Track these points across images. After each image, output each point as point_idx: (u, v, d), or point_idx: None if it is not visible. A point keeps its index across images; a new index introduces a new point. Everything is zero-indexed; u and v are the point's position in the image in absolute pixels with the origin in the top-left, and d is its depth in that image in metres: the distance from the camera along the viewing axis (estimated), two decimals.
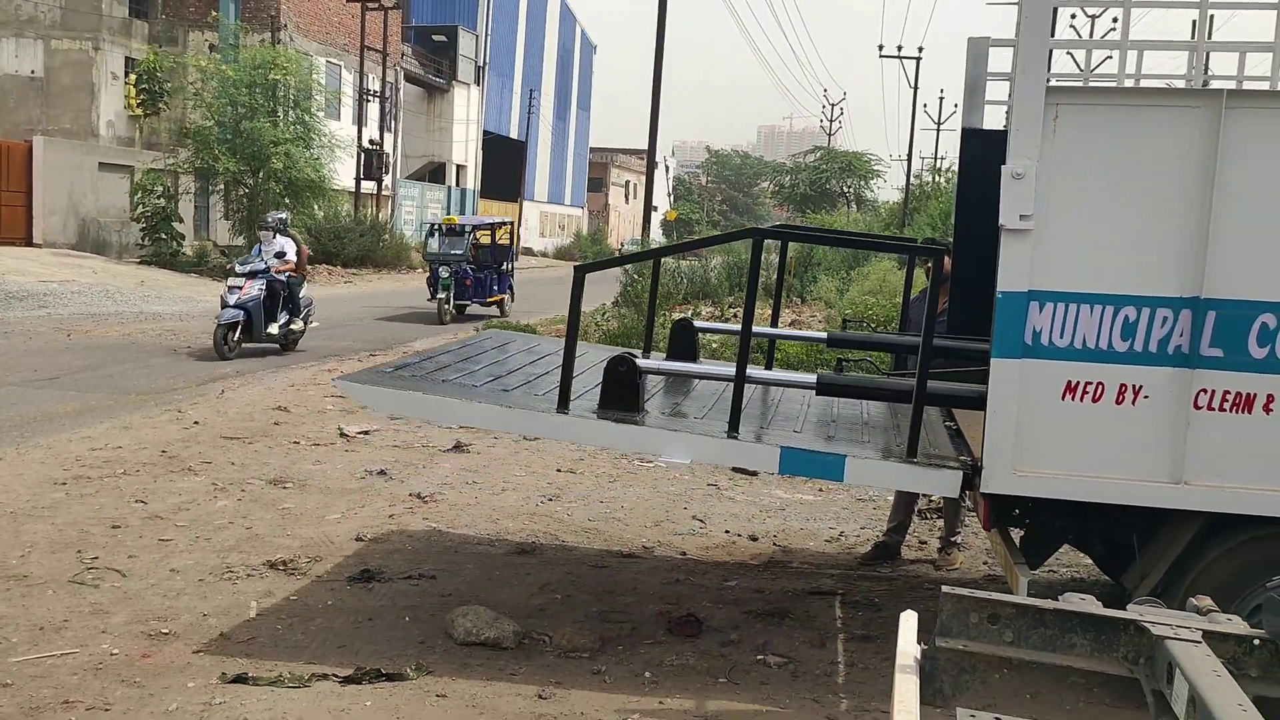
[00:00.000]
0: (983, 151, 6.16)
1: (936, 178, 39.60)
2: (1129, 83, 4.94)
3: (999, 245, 4.12)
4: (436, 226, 21.89)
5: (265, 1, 33.60)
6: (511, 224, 23.32)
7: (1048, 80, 4.05)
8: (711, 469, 8.86)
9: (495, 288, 21.21)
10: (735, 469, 8.82)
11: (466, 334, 13.67)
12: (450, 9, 50.45)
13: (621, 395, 4.84)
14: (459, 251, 20.36)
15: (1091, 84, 5.55)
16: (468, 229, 21.43)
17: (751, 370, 4.86)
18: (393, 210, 41.59)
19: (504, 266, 21.90)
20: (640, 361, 5.07)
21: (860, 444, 4.84)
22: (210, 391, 11.41)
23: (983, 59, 6.03)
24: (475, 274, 20.63)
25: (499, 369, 5.74)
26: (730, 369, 4.92)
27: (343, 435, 9.47)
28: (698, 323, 6.94)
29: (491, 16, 51.58)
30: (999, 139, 6.28)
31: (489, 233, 22.20)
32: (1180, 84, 4.82)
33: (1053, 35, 4.73)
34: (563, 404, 4.75)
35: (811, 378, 5.12)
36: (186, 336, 15.89)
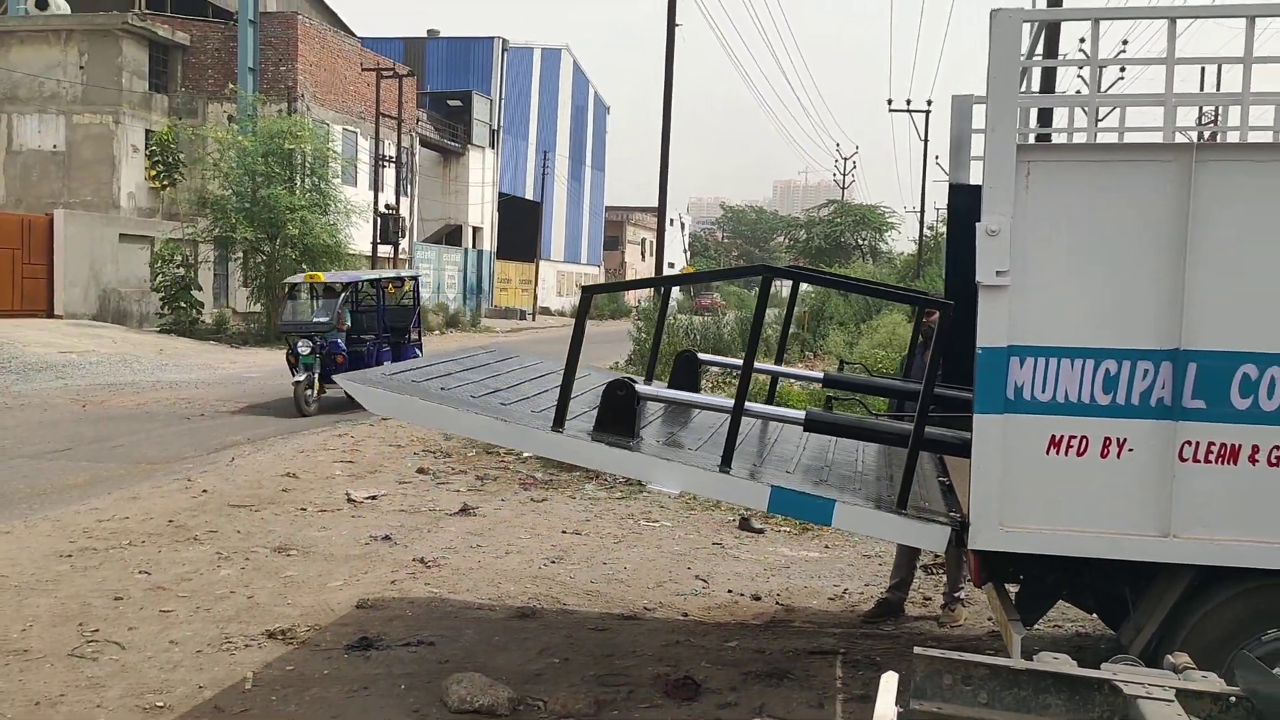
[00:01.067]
0: (969, 206, 6.24)
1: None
2: (1113, 137, 5.00)
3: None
4: (295, 287, 16.63)
5: (282, 73, 34.31)
6: (415, 278, 18.78)
7: (1019, 137, 4.09)
8: (718, 527, 8.82)
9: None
10: (742, 527, 8.79)
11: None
12: (464, 74, 51.32)
13: (618, 419, 4.84)
14: (325, 319, 15.56)
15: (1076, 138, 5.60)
16: (342, 287, 16.41)
17: (748, 404, 4.88)
18: None
19: (408, 336, 17.62)
20: (639, 387, 5.08)
21: (852, 490, 4.82)
22: (221, 459, 11.48)
23: (967, 115, 6.11)
24: (356, 347, 16.14)
25: (498, 383, 5.73)
26: (729, 402, 4.93)
27: (350, 501, 9.50)
28: (701, 355, 6.93)
29: (505, 81, 52.42)
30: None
31: (374, 289, 17.69)
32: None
33: (1038, 88, 4.78)
34: (558, 422, 4.75)
35: (797, 414, 5.12)
36: (201, 404, 16.03)
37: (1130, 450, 4.09)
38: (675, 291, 58.62)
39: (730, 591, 7.06)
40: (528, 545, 8.13)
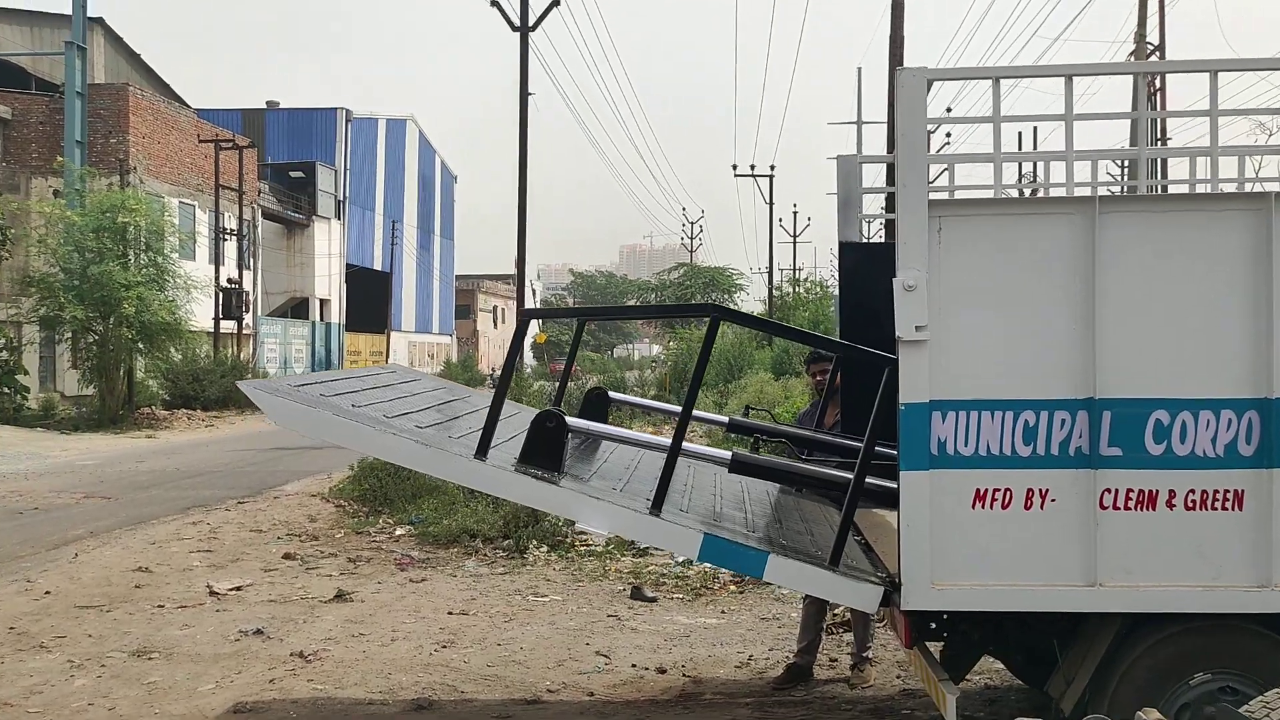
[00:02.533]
0: (860, 263, 6.31)
1: (797, 289, 40.84)
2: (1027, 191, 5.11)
3: (896, 357, 4.10)
4: None
5: (113, 145, 32.80)
6: None
7: (929, 193, 4.10)
8: (609, 598, 8.57)
9: None
10: (634, 596, 8.56)
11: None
12: (307, 145, 50.32)
13: (545, 451, 4.61)
14: None
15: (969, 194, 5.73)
16: None
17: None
18: (255, 349, 40.45)
19: None
20: (570, 420, 4.85)
21: (779, 542, 4.67)
22: (62, 556, 10.56)
23: (854, 174, 6.21)
24: None
25: (408, 404, 5.37)
26: (665, 440, 4.73)
27: (212, 593, 8.84)
28: (613, 394, 6.68)
29: (350, 151, 51.62)
30: (875, 250, 6.44)
31: None
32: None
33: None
34: (481, 450, 4.48)
35: (726, 454, 4.97)
36: (34, 496, 14.81)
37: (1053, 500, 4.10)
38: (529, 358, 58.27)
39: (634, 666, 6.81)
40: (414, 630, 7.69)
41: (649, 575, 9.26)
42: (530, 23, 23.96)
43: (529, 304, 70.80)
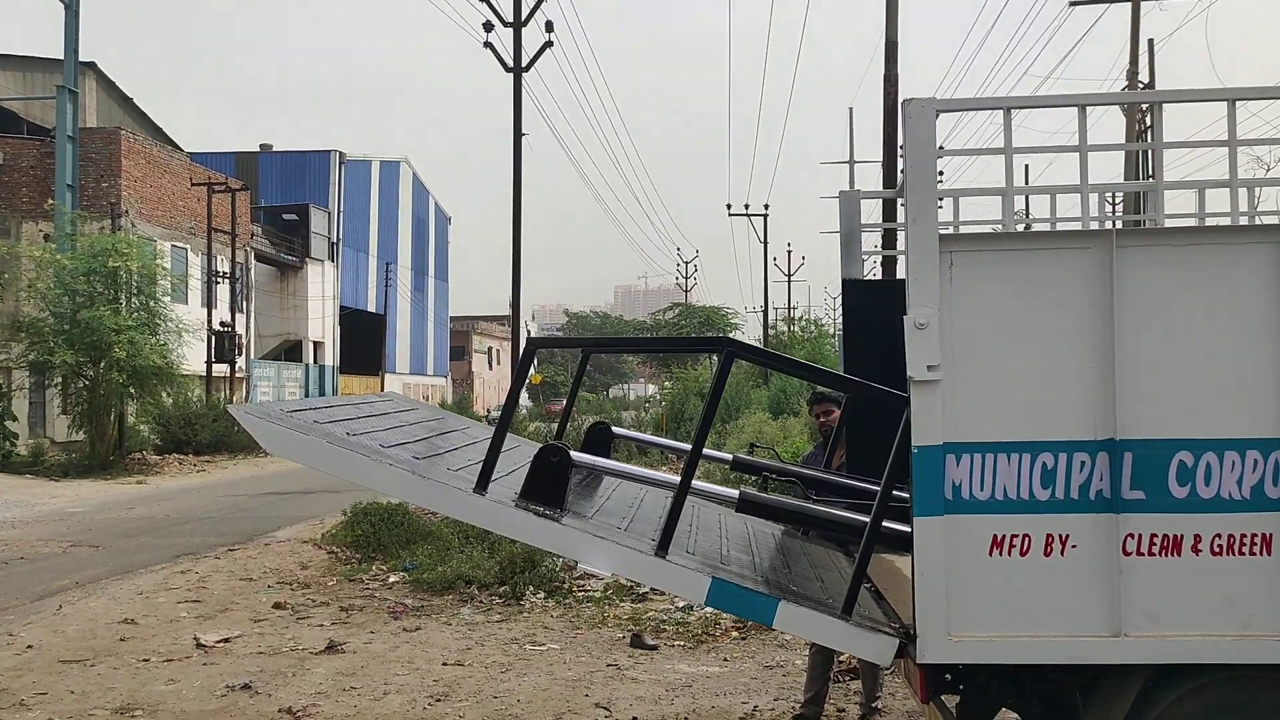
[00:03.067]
0: (863, 301, 6.17)
1: (792, 327, 40.76)
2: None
3: (908, 398, 3.94)
4: None
5: (104, 189, 32.76)
6: None
7: (940, 227, 3.97)
8: (609, 646, 8.35)
9: None
10: (634, 644, 8.34)
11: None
12: (300, 188, 50.40)
13: (547, 488, 4.41)
14: None
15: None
16: None
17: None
18: (248, 392, 40.20)
19: None
20: (575, 455, 4.65)
21: (789, 588, 4.47)
22: (46, 608, 10.30)
23: (855, 212, 6.08)
24: None
25: (405, 434, 5.14)
26: (673, 478, 4.55)
27: (200, 646, 8.59)
28: (616, 429, 6.45)
29: (344, 193, 51.71)
30: (878, 288, 6.31)
31: None
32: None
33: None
34: (481, 484, 4.27)
35: (734, 493, 4.77)
36: (20, 545, 14.54)
37: (1074, 547, 3.92)
38: (524, 399, 58.02)
39: (635, 719, 6.58)
40: (407, 682, 7.45)
41: (649, 621, 9.03)
42: (524, 64, 24.02)
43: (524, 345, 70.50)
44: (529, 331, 75.13)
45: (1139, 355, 3.87)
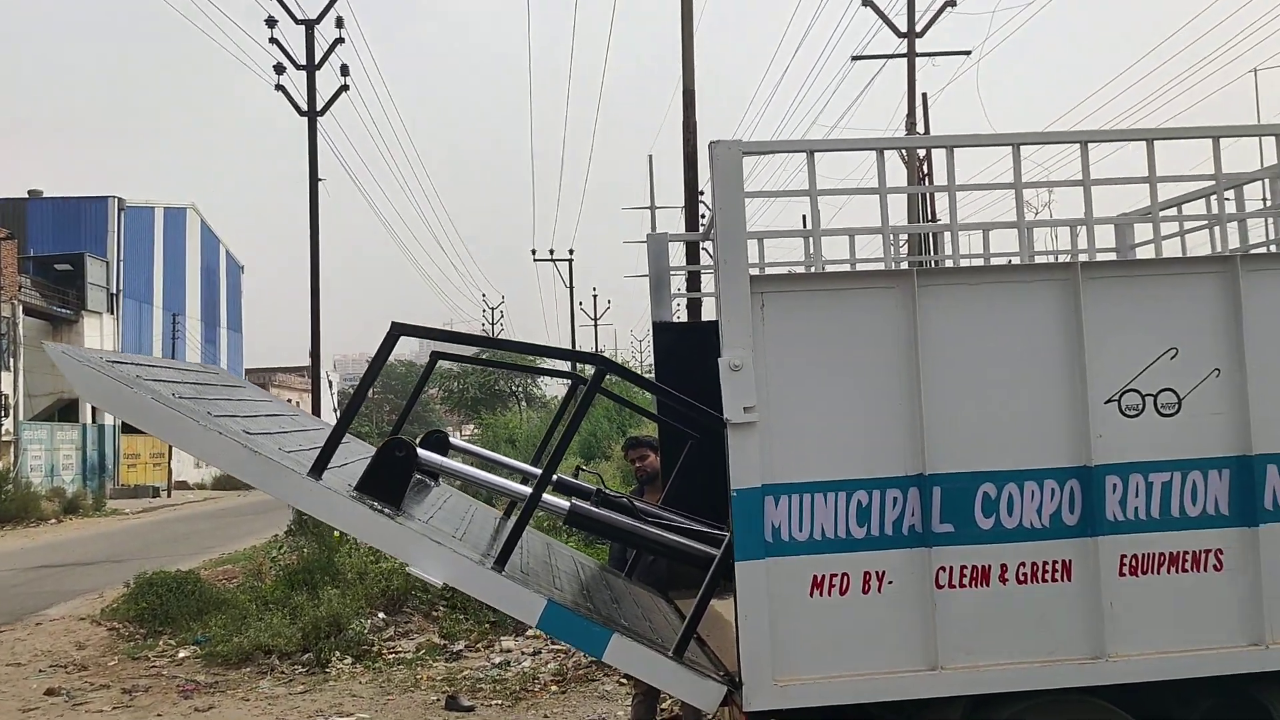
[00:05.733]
0: (674, 344, 6.16)
1: None
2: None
3: (726, 440, 3.90)
4: None
5: None
6: None
7: (750, 269, 3.96)
8: (422, 710, 7.97)
9: None
10: (449, 706, 7.99)
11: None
12: (75, 236, 47.21)
13: (388, 483, 4.18)
14: None
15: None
16: None
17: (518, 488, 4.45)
18: (16, 457, 37.01)
19: None
20: (423, 453, 4.39)
21: (619, 623, 4.30)
22: None
23: (664, 254, 6.08)
24: None
25: (236, 409, 4.76)
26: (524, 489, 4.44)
27: None
28: (455, 440, 6.11)
29: (124, 242, 48.74)
30: (690, 330, 6.31)
31: None
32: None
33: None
34: (317, 470, 3.98)
35: (565, 503, 4.59)
36: None
37: (890, 583, 3.96)
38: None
39: None
40: None
41: (464, 681, 8.69)
42: (318, 108, 23.31)
43: (324, 397, 68.24)
44: (330, 382, 72.69)
45: (943, 391, 3.97)
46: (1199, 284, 4.11)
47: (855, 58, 26.76)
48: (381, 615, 10.56)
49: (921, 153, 24.98)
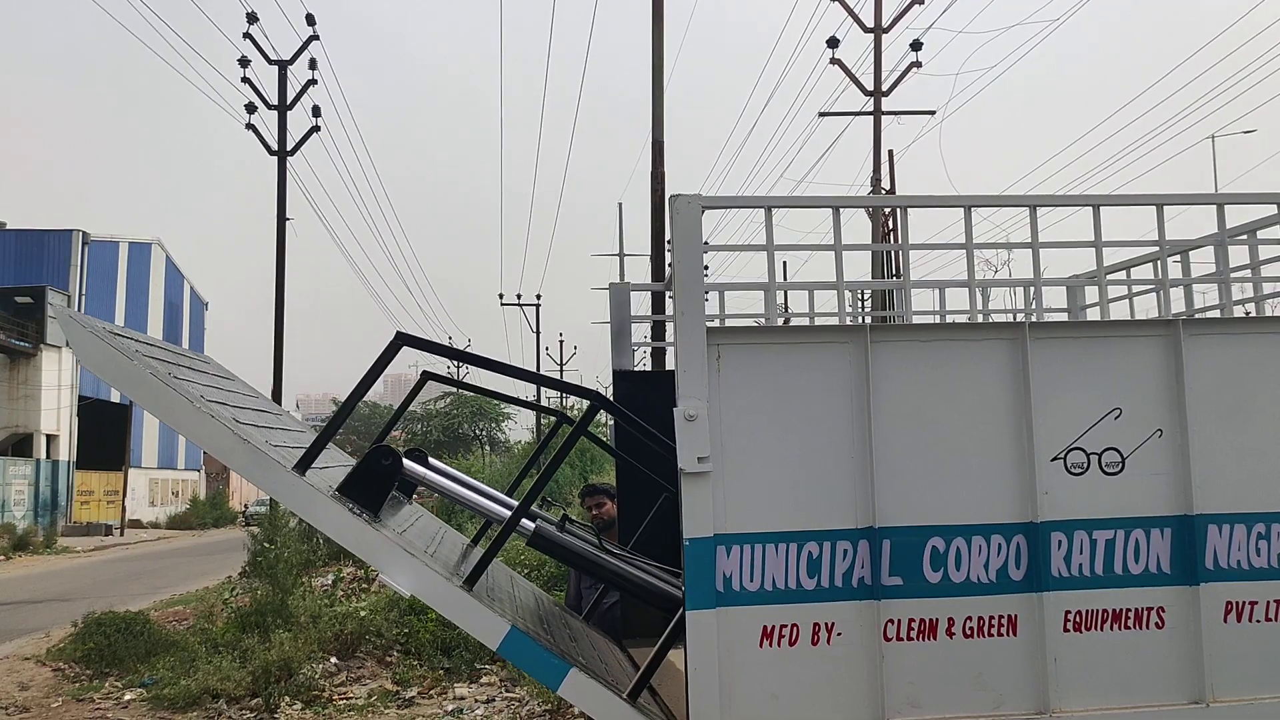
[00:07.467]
0: (634, 392, 6.20)
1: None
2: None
3: (678, 489, 3.94)
4: None
5: None
6: None
7: (707, 321, 4.03)
8: None
9: None
10: None
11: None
12: (37, 269, 46.75)
13: (370, 488, 4.20)
14: None
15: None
16: None
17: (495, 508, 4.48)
18: None
19: None
20: (409, 464, 4.41)
21: (577, 659, 4.30)
22: None
23: (626, 303, 6.15)
24: None
25: (225, 396, 4.74)
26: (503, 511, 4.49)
27: None
28: (433, 461, 6.08)
29: (86, 275, 48.30)
30: (650, 379, 6.36)
31: None
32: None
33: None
34: (302, 465, 4.00)
35: (529, 524, 4.59)
36: None
37: (839, 635, 3.99)
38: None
39: None
40: None
41: None
42: (289, 148, 23.37)
43: None
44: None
45: (894, 445, 4.04)
46: (1143, 346, 4.22)
47: (823, 114, 27.24)
48: (334, 660, 10.43)
49: (887, 210, 25.38)
